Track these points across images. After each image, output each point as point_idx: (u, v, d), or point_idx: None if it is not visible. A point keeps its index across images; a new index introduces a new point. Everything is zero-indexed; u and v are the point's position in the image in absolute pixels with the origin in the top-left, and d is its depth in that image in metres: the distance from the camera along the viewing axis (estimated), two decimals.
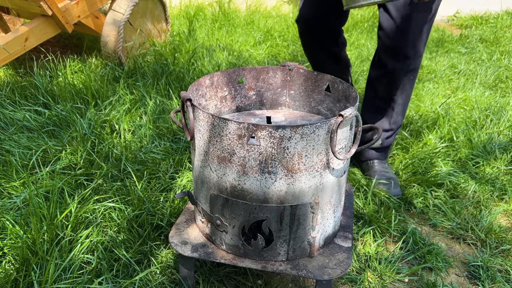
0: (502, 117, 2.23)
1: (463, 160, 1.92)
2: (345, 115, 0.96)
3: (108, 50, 2.57)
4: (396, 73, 1.64)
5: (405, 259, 1.41)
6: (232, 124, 0.96)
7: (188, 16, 3.65)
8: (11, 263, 1.23)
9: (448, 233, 1.55)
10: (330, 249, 1.16)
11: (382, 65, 1.65)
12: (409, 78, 1.66)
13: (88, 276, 1.19)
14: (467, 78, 2.99)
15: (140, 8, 2.67)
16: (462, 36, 4.04)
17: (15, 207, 1.42)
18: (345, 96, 1.25)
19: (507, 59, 3.39)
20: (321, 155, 1.00)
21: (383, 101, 1.71)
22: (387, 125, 1.74)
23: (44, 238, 1.25)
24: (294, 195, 1.03)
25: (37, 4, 2.20)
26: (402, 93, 1.69)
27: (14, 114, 1.93)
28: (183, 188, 1.61)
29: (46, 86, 2.16)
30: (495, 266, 1.39)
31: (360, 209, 1.58)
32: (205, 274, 1.29)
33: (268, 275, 1.31)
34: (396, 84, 1.66)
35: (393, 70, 1.63)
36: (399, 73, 1.64)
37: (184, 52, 2.83)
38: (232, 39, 3.42)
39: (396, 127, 1.77)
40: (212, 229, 1.14)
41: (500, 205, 1.68)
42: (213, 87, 1.29)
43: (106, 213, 1.44)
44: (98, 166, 1.66)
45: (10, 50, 2.15)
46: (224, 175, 1.03)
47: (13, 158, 1.62)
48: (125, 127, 1.96)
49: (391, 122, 1.74)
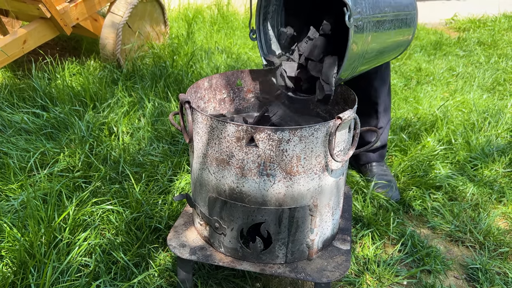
0: (500, 119, 2.23)
1: (462, 162, 1.92)
2: (343, 118, 0.96)
3: (107, 52, 2.57)
4: (370, 77, 1.64)
5: (404, 261, 1.41)
6: (230, 126, 0.96)
7: (187, 18, 3.65)
8: (9, 266, 1.23)
9: (446, 235, 1.55)
10: (328, 251, 1.15)
11: None
12: (383, 75, 1.66)
13: (86, 279, 1.19)
14: (465, 81, 3.00)
15: (138, 11, 2.68)
16: (460, 39, 4.05)
17: (13, 210, 1.41)
18: (343, 98, 1.25)
19: (505, 62, 3.40)
20: (319, 158, 1.00)
21: (364, 104, 1.70)
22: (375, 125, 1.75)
23: (41, 241, 1.25)
24: (293, 198, 1.03)
25: (35, 7, 2.20)
26: (381, 91, 1.68)
27: (12, 116, 1.92)
28: (181, 191, 1.61)
29: (45, 89, 2.16)
30: (494, 268, 1.39)
31: (359, 212, 1.58)
32: (204, 277, 1.28)
33: (267, 278, 1.31)
34: (373, 86, 1.66)
35: (366, 75, 1.63)
36: (372, 76, 1.64)
37: (183, 54, 2.83)
38: (230, 42, 3.42)
39: (385, 123, 1.76)
40: (210, 232, 1.14)
41: (498, 208, 1.68)
42: (212, 90, 1.29)
43: (104, 215, 1.44)
44: (96, 168, 1.66)
45: (8, 52, 2.14)
46: (223, 178, 1.03)
47: (11, 161, 1.62)
48: (124, 130, 1.95)
49: (379, 121, 1.74)
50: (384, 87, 1.69)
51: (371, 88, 1.66)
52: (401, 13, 1.24)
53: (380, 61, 1.28)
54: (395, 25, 1.22)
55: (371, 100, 1.69)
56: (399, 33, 1.25)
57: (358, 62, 1.13)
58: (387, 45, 1.22)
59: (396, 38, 1.25)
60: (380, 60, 1.26)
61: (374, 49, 1.15)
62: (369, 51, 1.14)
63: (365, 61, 1.16)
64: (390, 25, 1.19)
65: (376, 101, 1.69)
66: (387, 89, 1.71)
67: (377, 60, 1.24)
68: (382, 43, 1.18)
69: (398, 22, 1.23)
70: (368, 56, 1.15)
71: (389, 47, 1.24)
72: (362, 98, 1.68)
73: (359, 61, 1.12)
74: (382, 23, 1.15)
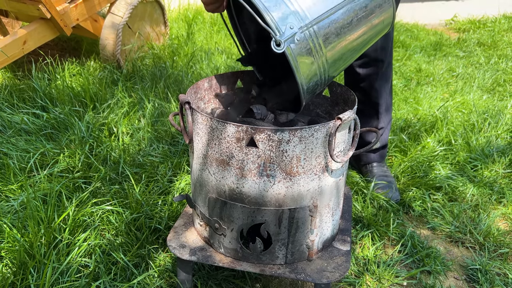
0: (500, 120, 2.23)
1: (462, 163, 1.92)
2: (343, 118, 0.96)
3: (107, 53, 2.57)
4: (370, 78, 1.64)
5: (404, 262, 1.41)
6: (230, 127, 0.96)
7: (187, 19, 3.65)
8: (9, 266, 1.23)
9: (446, 236, 1.55)
10: (328, 252, 1.15)
11: (355, 73, 1.65)
12: (384, 75, 1.65)
13: (85, 280, 1.19)
14: (465, 82, 3.00)
15: (138, 12, 2.68)
16: (460, 40, 4.05)
17: (13, 210, 1.41)
18: (343, 99, 1.25)
19: (505, 63, 3.40)
20: (319, 158, 1.00)
21: (365, 105, 1.70)
22: (376, 125, 1.75)
23: (41, 242, 1.25)
24: (293, 198, 1.02)
25: (35, 7, 2.20)
26: (382, 91, 1.68)
27: (12, 117, 1.92)
28: (181, 191, 1.61)
29: (45, 89, 2.16)
30: (494, 269, 1.39)
31: (359, 213, 1.58)
32: (203, 278, 1.28)
33: (267, 279, 1.31)
34: (373, 87, 1.66)
35: (366, 76, 1.63)
36: (373, 77, 1.64)
37: (183, 55, 2.84)
38: (230, 43, 3.42)
39: (386, 124, 1.75)
40: (210, 233, 1.14)
41: (498, 209, 1.68)
42: (212, 90, 1.29)
43: (104, 216, 1.44)
44: (96, 169, 1.66)
45: (8, 53, 2.15)
46: (223, 178, 1.03)
47: (11, 161, 1.62)
48: (123, 130, 1.95)
49: (380, 121, 1.74)
50: (385, 87, 1.68)
51: (371, 88, 1.66)
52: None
53: (357, 54, 1.11)
54: (355, 14, 1.01)
55: (371, 101, 1.69)
56: (364, 21, 1.04)
57: (322, 76, 1.02)
58: (355, 39, 1.05)
59: (363, 28, 1.05)
60: (355, 54, 1.09)
61: (336, 54, 1.03)
62: (330, 59, 1.01)
63: (334, 68, 1.04)
64: (346, 15, 1.00)
65: (377, 101, 1.69)
66: (388, 89, 1.71)
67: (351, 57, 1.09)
68: (343, 42, 1.02)
69: (357, 7, 1.02)
70: (334, 63, 1.02)
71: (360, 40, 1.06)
72: (363, 99, 1.68)
73: (323, 74, 1.02)
74: (333, 21, 0.98)
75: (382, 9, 1.08)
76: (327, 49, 1.00)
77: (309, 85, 1.02)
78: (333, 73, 1.07)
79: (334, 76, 1.09)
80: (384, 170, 1.78)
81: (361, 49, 1.11)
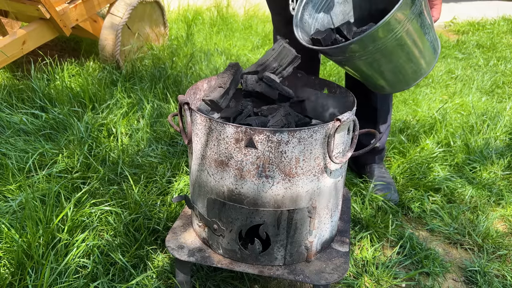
0: (498, 122, 2.24)
1: (460, 165, 1.92)
2: (342, 120, 0.96)
3: (106, 53, 2.57)
4: None
5: (402, 264, 1.41)
6: (229, 127, 0.96)
7: (186, 20, 3.65)
8: (6, 267, 1.22)
9: (445, 238, 1.55)
10: (327, 253, 1.15)
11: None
12: None
13: (84, 280, 1.19)
14: (464, 84, 3.00)
15: (138, 12, 2.68)
16: (459, 42, 4.06)
17: (11, 211, 1.41)
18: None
19: (504, 65, 3.40)
20: (318, 159, 1.00)
21: (363, 107, 1.70)
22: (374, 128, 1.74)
23: (39, 242, 1.24)
24: (291, 200, 1.02)
25: (35, 7, 2.20)
26: (382, 96, 1.67)
27: (11, 117, 1.92)
28: (180, 192, 1.60)
29: (44, 89, 2.16)
30: (492, 271, 1.39)
31: (358, 214, 1.58)
32: (202, 279, 1.28)
33: (265, 280, 1.31)
34: (374, 91, 1.65)
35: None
36: None
37: (182, 56, 2.84)
38: (230, 44, 3.42)
39: (385, 128, 1.75)
40: (209, 234, 1.14)
41: (497, 210, 1.69)
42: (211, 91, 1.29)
43: (102, 216, 1.43)
44: (95, 169, 1.66)
45: (7, 53, 2.14)
46: (222, 179, 1.03)
47: (9, 162, 1.62)
48: (122, 131, 1.95)
49: (378, 124, 1.73)
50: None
51: (371, 93, 1.65)
52: (432, 37, 1.24)
53: (387, 75, 1.25)
54: (429, 36, 1.21)
55: (371, 105, 1.68)
56: (427, 48, 1.23)
57: (387, 39, 1.11)
58: (412, 52, 1.19)
59: (421, 50, 1.21)
60: (387, 72, 1.24)
61: (403, 42, 1.14)
62: (398, 41, 1.12)
63: (386, 53, 1.14)
64: (427, 31, 1.19)
65: (376, 106, 1.68)
66: (388, 94, 1.70)
67: (389, 65, 1.21)
68: (413, 43, 1.17)
69: (430, 37, 1.22)
70: (395, 45, 1.13)
71: (411, 56, 1.21)
72: (362, 103, 1.67)
73: (390, 38, 1.10)
74: (424, 24, 1.15)
75: (434, 53, 1.29)
76: (407, 32, 1.13)
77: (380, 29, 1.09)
78: (383, 51, 1.16)
79: (380, 54, 1.17)
80: (383, 172, 1.78)
81: (395, 69, 1.24)
